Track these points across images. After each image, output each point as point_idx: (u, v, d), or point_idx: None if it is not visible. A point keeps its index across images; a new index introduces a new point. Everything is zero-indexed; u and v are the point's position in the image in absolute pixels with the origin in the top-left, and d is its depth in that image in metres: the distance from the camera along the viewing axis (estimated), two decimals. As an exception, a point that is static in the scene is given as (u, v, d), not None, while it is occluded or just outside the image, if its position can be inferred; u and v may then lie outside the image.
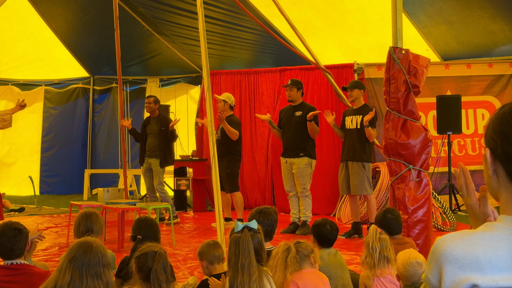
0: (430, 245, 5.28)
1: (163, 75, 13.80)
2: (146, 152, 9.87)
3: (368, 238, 4.13)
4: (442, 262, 1.57)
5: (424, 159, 5.38)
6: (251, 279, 3.44)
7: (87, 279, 2.88)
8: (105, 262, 2.97)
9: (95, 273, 2.90)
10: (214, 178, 5.41)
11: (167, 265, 3.43)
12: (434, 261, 1.60)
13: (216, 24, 11.06)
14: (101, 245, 3.02)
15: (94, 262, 2.92)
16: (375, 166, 9.88)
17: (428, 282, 1.62)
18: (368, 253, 4.10)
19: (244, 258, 3.45)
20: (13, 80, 14.24)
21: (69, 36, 13.15)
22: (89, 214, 4.65)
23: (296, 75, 11.25)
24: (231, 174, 9.17)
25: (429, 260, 1.63)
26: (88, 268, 2.90)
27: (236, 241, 3.49)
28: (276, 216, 4.81)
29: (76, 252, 2.93)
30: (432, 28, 10.04)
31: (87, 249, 2.94)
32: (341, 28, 10.65)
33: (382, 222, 4.94)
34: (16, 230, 3.84)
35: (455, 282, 1.53)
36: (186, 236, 8.51)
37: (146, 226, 4.60)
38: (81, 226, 4.55)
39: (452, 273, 1.54)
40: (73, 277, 2.87)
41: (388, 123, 5.43)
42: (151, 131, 9.89)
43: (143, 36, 12.62)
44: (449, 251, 1.56)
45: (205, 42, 5.88)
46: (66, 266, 2.89)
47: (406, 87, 5.32)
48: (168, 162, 9.92)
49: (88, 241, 3.00)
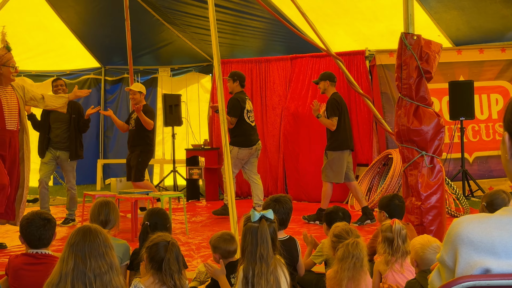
0: (443, 231, 5.26)
1: (174, 64, 13.81)
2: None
3: (389, 233, 4.09)
4: (458, 244, 1.56)
5: (437, 145, 5.35)
6: (269, 269, 3.44)
7: (90, 261, 2.88)
8: (107, 243, 2.98)
9: (98, 254, 2.91)
10: (226, 167, 5.42)
11: (180, 255, 3.44)
12: (450, 242, 1.60)
13: (226, 13, 11.04)
14: (100, 229, 3.03)
15: (95, 244, 2.92)
16: (387, 153, 9.86)
17: (443, 263, 1.62)
18: (388, 248, 4.07)
19: (263, 249, 3.44)
20: (25, 71, 14.28)
21: (80, 27, 13.17)
22: (107, 203, 4.69)
23: (307, 63, 11.23)
24: (141, 163, 9.08)
25: (445, 241, 1.63)
26: (91, 251, 2.90)
27: (254, 231, 3.48)
28: (291, 204, 4.81)
29: (76, 237, 2.94)
30: (444, 13, 9.97)
31: (86, 232, 2.95)
32: (352, 15, 10.60)
33: (388, 207, 4.96)
34: (45, 219, 3.87)
35: (469, 265, 1.52)
36: (199, 225, 8.54)
37: (156, 215, 4.62)
38: (101, 215, 4.58)
39: (467, 255, 1.53)
40: (76, 262, 2.87)
41: (400, 109, 5.40)
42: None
43: (153, 26, 12.62)
44: (465, 233, 1.55)
45: (216, 31, 5.87)
46: (68, 253, 2.90)
47: (418, 73, 5.29)
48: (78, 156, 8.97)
49: (86, 226, 3.02)
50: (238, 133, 9.06)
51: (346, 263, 3.68)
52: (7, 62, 6.95)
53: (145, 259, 3.45)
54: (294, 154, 11.09)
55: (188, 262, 6.07)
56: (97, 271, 2.87)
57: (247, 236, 3.50)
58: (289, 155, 11.14)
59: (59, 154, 8.75)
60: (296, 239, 4.67)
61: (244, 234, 3.52)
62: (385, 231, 4.12)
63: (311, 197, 10.79)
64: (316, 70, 11.10)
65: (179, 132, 12.58)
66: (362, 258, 3.73)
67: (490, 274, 1.50)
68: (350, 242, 3.75)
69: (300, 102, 11.10)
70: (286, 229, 4.70)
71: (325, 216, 4.98)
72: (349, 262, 3.68)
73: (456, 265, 1.56)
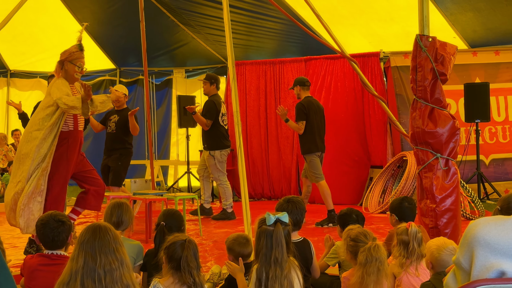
0: (458, 234, 5.23)
1: (189, 66, 13.83)
2: None
3: (405, 236, 4.07)
4: (474, 245, 1.55)
5: (452, 147, 5.32)
6: (283, 273, 3.44)
7: (100, 257, 2.87)
8: (117, 240, 2.97)
9: (108, 251, 2.90)
10: (240, 168, 5.41)
11: (197, 253, 3.45)
12: (466, 244, 1.58)
13: (241, 14, 11.05)
14: (110, 226, 3.03)
15: (105, 241, 2.92)
16: (402, 155, 9.82)
17: (459, 265, 1.60)
18: (403, 251, 4.05)
19: (277, 253, 3.44)
20: (41, 72, 14.39)
21: (95, 28, 13.22)
22: (120, 204, 4.70)
23: (321, 64, 11.21)
24: (121, 167, 8.77)
25: (461, 243, 1.61)
26: (101, 247, 2.90)
27: (269, 234, 3.47)
28: (304, 205, 4.80)
29: (86, 235, 2.94)
30: (460, 15, 9.92)
31: (96, 230, 2.95)
32: (367, 16, 10.57)
33: (398, 209, 4.95)
34: (59, 221, 3.89)
35: (485, 267, 1.51)
36: (213, 227, 8.54)
37: (171, 216, 4.62)
38: (113, 216, 4.60)
39: (483, 257, 1.52)
40: (86, 259, 2.87)
41: (415, 111, 5.37)
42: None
43: (168, 27, 12.65)
44: (482, 235, 1.54)
45: (230, 32, 5.87)
46: (78, 252, 2.90)
47: (433, 75, 5.26)
48: None
49: (95, 223, 3.02)
50: (214, 136, 9.26)
51: (371, 268, 3.66)
52: (74, 60, 6.87)
53: (164, 260, 3.47)
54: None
55: (201, 263, 6.08)
56: (107, 267, 2.87)
57: (262, 239, 3.50)
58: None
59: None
60: (310, 241, 4.65)
61: (259, 237, 3.52)
62: (401, 234, 4.10)
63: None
64: (330, 71, 11.09)
65: (193, 133, 12.60)
66: (384, 261, 3.72)
67: (506, 278, 1.48)
68: (371, 246, 3.73)
69: (314, 103, 11.06)
70: (300, 231, 4.68)
71: (339, 218, 4.96)
72: (373, 266, 3.66)
73: (472, 267, 1.55)
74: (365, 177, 10.74)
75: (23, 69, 14.46)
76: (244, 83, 11.82)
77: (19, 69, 14.46)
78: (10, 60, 14.25)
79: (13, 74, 14.50)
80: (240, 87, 11.75)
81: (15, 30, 12.65)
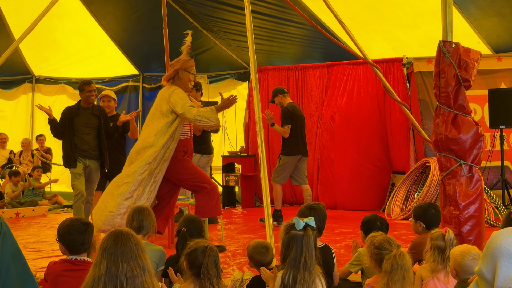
0: (482, 242, 5.18)
1: (211, 71, 13.87)
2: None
3: (440, 242, 4.04)
4: (497, 256, 1.53)
5: (475, 154, 5.27)
6: (311, 278, 3.45)
7: (122, 263, 2.88)
8: (139, 246, 2.98)
9: (130, 257, 2.91)
10: (262, 174, 5.42)
11: (218, 260, 3.46)
12: (489, 255, 1.56)
13: (263, 20, 11.06)
14: (132, 232, 3.04)
15: (127, 247, 2.93)
16: (425, 161, 9.76)
17: (481, 276, 1.59)
18: (438, 257, 4.03)
19: (307, 257, 3.45)
20: (65, 78, 14.54)
21: (119, 34, 13.33)
22: (141, 209, 4.73)
23: (344, 70, 11.19)
24: None
25: (484, 254, 1.60)
26: (123, 253, 2.91)
27: (299, 239, 3.48)
28: (325, 212, 4.79)
29: (108, 241, 2.96)
30: (484, 20, 9.84)
31: (118, 236, 2.97)
32: (390, 22, 10.52)
33: (424, 216, 4.91)
34: (85, 224, 3.92)
35: (509, 278, 1.49)
36: (235, 232, 8.54)
37: (191, 222, 4.64)
38: (134, 221, 4.63)
39: (507, 268, 1.50)
40: (108, 265, 2.88)
41: (438, 117, 5.34)
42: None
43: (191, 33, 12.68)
44: (505, 246, 1.52)
45: (252, 38, 5.88)
46: (101, 258, 2.92)
47: (456, 81, 5.22)
48: None
49: (118, 230, 3.04)
50: (200, 140, 9.24)
51: (396, 275, 3.65)
52: (188, 68, 7.05)
53: (184, 266, 3.48)
54: (329, 161, 11.04)
55: (223, 269, 6.08)
56: (129, 273, 2.88)
57: (291, 243, 3.50)
58: (325, 162, 11.09)
59: (88, 163, 7.96)
60: (331, 247, 4.64)
61: (288, 242, 3.52)
62: (436, 240, 4.08)
63: (346, 205, 10.73)
64: (353, 77, 11.06)
65: (215, 139, 12.62)
66: (409, 269, 3.71)
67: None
68: (397, 254, 3.72)
69: (336, 109, 11.06)
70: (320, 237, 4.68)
71: (363, 225, 4.93)
72: (399, 274, 3.65)
73: (495, 278, 1.53)
74: (387, 183, 10.68)
75: (47, 75, 14.62)
76: (267, 89, 11.82)
77: (43, 75, 14.62)
78: (35, 66, 14.41)
79: (38, 80, 14.66)
80: (263, 93, 11.76)
81: (40, 36, 12.80)
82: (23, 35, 6.58)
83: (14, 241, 1.84)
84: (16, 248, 1.85)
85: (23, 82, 14.66)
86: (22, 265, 1.86)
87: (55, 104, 14.10)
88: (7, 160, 13.05)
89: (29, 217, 10.40)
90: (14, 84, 14.65)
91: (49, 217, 10.66)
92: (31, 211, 10.79)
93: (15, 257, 1.82)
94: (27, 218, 10.31)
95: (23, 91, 14.73)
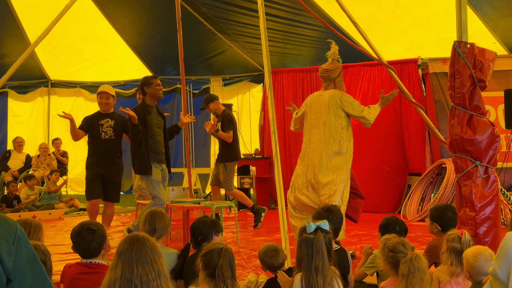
0: (498, 243, 5.13)
1: (226, 74, 13.89)
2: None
3: (457, 244, 4.02)
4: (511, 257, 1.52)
5: (491, 155, 5.24)
6: (325, 281, 3.43)
7: (137, 268, 2.89)
8: (155, 251, 2.99)
9: (145, 261, 2.92)
10: (276, 176, 5.41)
11: (233, 262, 3.47)
12: (503, 256, 1.56)
13: (277, 22, 11.06)
14: (148, 237, 3.05)
15: (142, 252, 2.93)
16: (441, 163, 9.71)
17: (495, 277, 1.58)
18: (455, 259, 4.00)
19: (318, 261, 3.44)
20: (81, 82, 14.65)
21: (134, 37, 13.39)
22: (154, 212, 4.74)
23: (359, 72, 11.16)
24: (120, 182, 7.97)
25: (498, 254, 1.59)
26: (138, 258, 2.91)
27: (309, 242, 3.48)
28: (342, 214, 4.78)
29: (124, 246, 2.97)
30: (499, 20, 9.77)
31: (133, 240, 2.98)
32: (404, 23, 10.48)
33: (441, 219, 4.88)
34: (89, 230, 3.93)
35: None
36: (251, 234, 8.55)
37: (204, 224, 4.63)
38: (146, 224, 4.65)
39: None
40: (123, 270, 2.89)
41: (453, 118, 5.31)
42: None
43: (205, 36, 12.73)
44: None
45: (266, 40, 5.88)
46: (116, 262, 2.93)
47: (471, 82, 5.19)
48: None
49: (134, 234, 3.05)
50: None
51: (414, 278, 3.63)
52: (340, 74, 7.20)
53: (200, 267, 3.49)
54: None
55: (238, 271, 6.09)
56: (144, 278, 2.88)
57: (303, 247, 3.50)
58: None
59: (164, 167, 7.57)
60: (346, 250, 4.63)
61: (300, 245, 3.53)
62: (452, 242, 4.04)
63: (363, 207, 10.69)
64: (368, 78, 11.03)
65: (230, 141, 12.64)
66: (426, 270, 3.69)
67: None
68: (413, 256, 3.70)
69: (351, 111, 11.01)
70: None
71: (381, 227, 4.90)
72: (417, 277, 3.63)
73: (510, 279, 1.52)
74: (403, 184, 10.64)
75: (63, 78, 14.73)
76: (282, 91, 11.82)
77: (59, 79, 14.73)
78: (50, 70, 14.51)
79: (54, 84, 14.77)
80: (277, 95, 11.76)
81: (56, 40, 12.89)
82: (39, 39, 6.63)
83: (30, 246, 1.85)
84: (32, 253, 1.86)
85: (39, 86, 14.77)
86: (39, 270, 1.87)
87: (72, 108, 14.23)
88: (24, 164, 13.13)
89: (45, 220, 10.45)
90: (30, 88, 14.77)
91: (66, 220, 10.73)
92: (48, 214, 10.86)
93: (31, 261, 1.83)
94: (44, 221, 10.29)
95: (39, 95, 14.85)
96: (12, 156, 13.16)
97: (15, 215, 9.69)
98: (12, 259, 1.74)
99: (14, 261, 1.74)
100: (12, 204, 10.91)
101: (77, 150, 14.10)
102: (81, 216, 11.13)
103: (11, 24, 12.69)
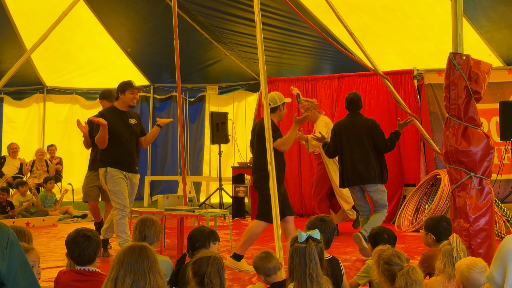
0: (492, 255, 5.14)
1: (222, 82, 13.91)
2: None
3: (447, 246, 4.03)
4: (508, 259, 1.53)
5: (486, 166, 5.25)
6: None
7: (149, 277, 2.93)
8: (157, 259, 3.03)
9: (155, 270, 2.97)
10: (271, 185, 5.41)
11: (222, 270, 3.47)
12: (500, 258, 1.56)
13: (273, 31, 11.09)
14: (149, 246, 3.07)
15: (151, 260, 2.98)
16: (435, 173, 9.71)
17: (492, 280, 1.58)
18: (448, 261, 4.01)
19: (312, 269, 3.44)
20: (77, 89, 14.64)
21: (130, 45, 13.40)
22: (145, 220, 4.72)
23: (354, 82, 11.19)
24: None
25: (495, 257, 1.60)
26: (149, 267, 2.95)
27: (301, 252, 3.48)
28: (335, 224, 4.79)
29: (132, 256, 2.98)
30: (495, 32, 9.82)
31: (142, 250, 3.00)
32: (400, 34, 10.53)
33: (435, 229, 4.89)
34: (85, 236, 3.92)
35: None
36: (244, 243, 8.50)
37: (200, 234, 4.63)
38: (136, 232, 4.64)
39: None
40: (135, 279, 2.91)
41: (448, 130, 5.33)
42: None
43: (202, 44, 12.76)
44: None
45: (263, 49, 5.89)
46: (125, 272, 2.93)
47: (466, 93, 5.21)
48: None
49: (134, 244, 3.07)
50: None
51: None
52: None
53: (190, 275, 3.49)
54: (340, 173, 10.99)
55: (234, 280, 6.08)
56: (155, 286, 2.91)
57: (295, 256, 3.50)
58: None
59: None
60: (339, 259, 4.62)
61: (292, 255, 3.52)
62: (444, 245, 4.07)
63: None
64: (363, 89, 11.05)
65: (225, 150, 12.65)
66: (422, 282, 3.69)
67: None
68: (409, 269, 3.70)
69: (347, 121, 11.02)
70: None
71: (370, 238, 4.91)
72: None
73: (505, 281, 1.53)
74: (399, 195, 10.63)
75: (59, 85, 14.71)
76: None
77: (55, 85, 14.71)
78: (46, 77, 14.51)
79: (49, 90, 14.75)
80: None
81: (52, 47, 12.89)
82: (35, 46, 6.63)
83: (22, 251, 1.85)
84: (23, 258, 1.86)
85: (35, 93, 14.76)
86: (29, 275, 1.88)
87: (68, 115, 14.22)
88: (18, 170, 13.10)
89: (39, 227, 10.42)
90: (25, 94, 14.75)
91: (59, 227, 10.68)
92: (41, 221, 10.82)
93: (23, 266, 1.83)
94: (37, 228, 10.33)
95: (34, 101, 14.83)
96: (7, 162, 13.12)
97: (9, 221, 9.67)
98: (6, 263, 1.74)
99: (8, 265, 1.74)
100: (5, 211, 10.88)
101: (71, 156, 14.11)
102: (75, 223, 11.10)
103: (8, 30, 12.70)
